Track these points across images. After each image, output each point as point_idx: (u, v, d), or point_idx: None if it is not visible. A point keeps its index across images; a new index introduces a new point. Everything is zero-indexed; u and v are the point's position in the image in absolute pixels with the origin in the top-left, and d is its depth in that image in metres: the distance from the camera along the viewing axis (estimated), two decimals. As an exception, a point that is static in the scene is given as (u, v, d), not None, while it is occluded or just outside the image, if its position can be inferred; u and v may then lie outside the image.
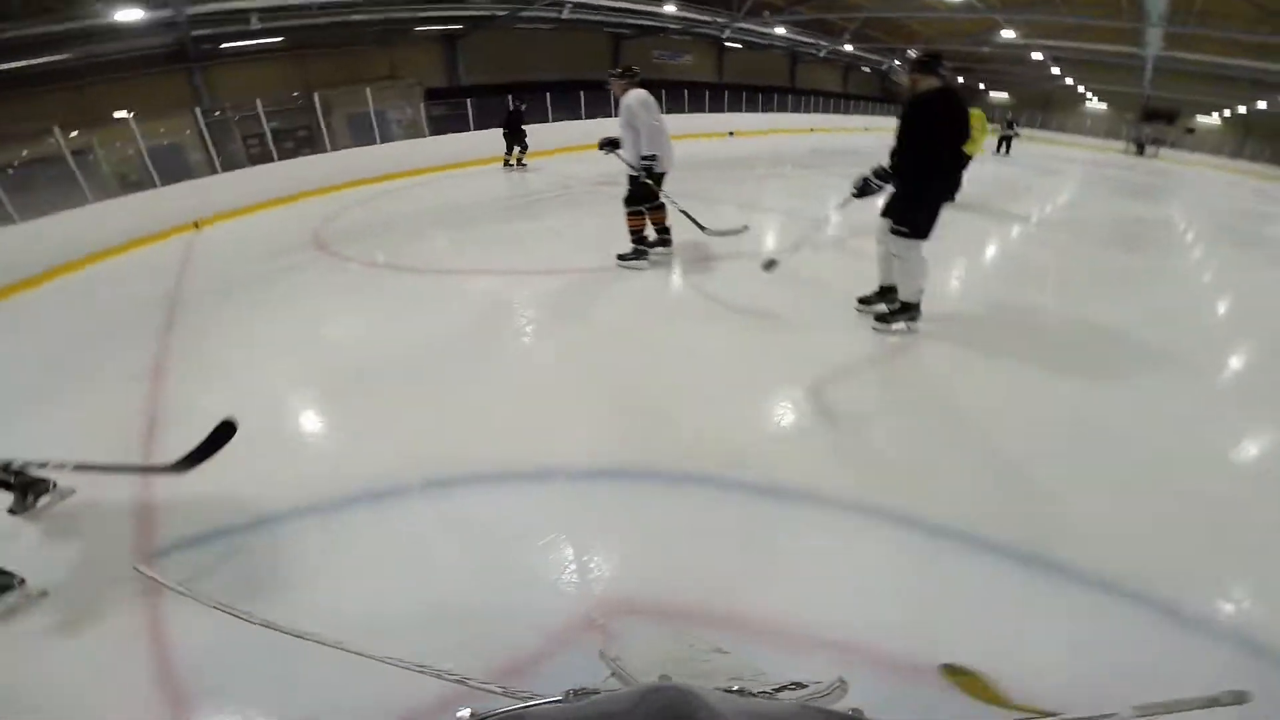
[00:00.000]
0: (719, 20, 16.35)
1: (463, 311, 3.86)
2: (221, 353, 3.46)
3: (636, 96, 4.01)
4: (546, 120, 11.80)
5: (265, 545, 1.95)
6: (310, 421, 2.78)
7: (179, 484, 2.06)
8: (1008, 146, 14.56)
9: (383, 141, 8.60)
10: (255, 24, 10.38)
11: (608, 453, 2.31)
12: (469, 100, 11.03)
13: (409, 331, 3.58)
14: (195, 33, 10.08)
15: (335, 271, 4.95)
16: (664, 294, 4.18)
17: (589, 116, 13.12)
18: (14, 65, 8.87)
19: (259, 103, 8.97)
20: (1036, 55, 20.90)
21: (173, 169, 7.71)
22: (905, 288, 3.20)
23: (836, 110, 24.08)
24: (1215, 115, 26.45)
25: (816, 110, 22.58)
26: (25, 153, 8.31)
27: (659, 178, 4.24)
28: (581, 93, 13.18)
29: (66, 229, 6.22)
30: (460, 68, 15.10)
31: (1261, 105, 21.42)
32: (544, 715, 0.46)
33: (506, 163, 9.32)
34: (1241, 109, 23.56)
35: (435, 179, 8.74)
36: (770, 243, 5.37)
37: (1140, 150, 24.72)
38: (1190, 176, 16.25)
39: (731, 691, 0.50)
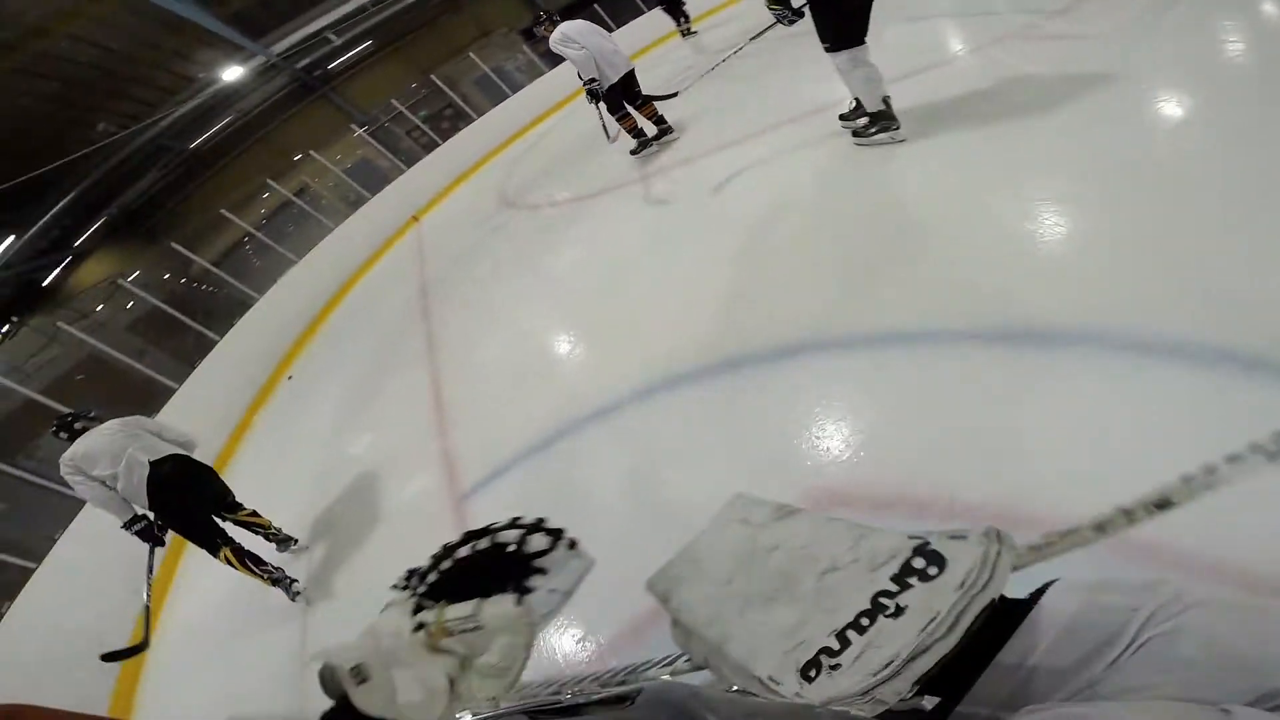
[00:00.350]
0: None
1: (648, 218, 3.97)
2: (472, 319, 4.23)
3: (556, 35, 4.28)
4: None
5: (555, 464, 2.38)
6: (567, 353, 3.15)
7: (472, 435, 2.92)
8: None
9: (514, 91, 9.23)
10: (335, 39, 11.37)
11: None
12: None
13: (614, 251, 3.85)
14: (299, 64, 11.37)
15: (530, 219, 5.38)
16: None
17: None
18: (202, 138, 10.99)
19: (394, 102, 10.06)
20: None
21: (372, 181, 9.13)
22: (866, 100, 2.97)
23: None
24: None
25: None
26: (263, 210, 10.31)
27: (613, 90, 4.45)
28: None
29: (331, 254, 7.75)
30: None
31: None
32: (545, 714, 0.48)
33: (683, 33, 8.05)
34: None
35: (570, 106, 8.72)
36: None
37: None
38: None
39: (733, 692, 0.51)
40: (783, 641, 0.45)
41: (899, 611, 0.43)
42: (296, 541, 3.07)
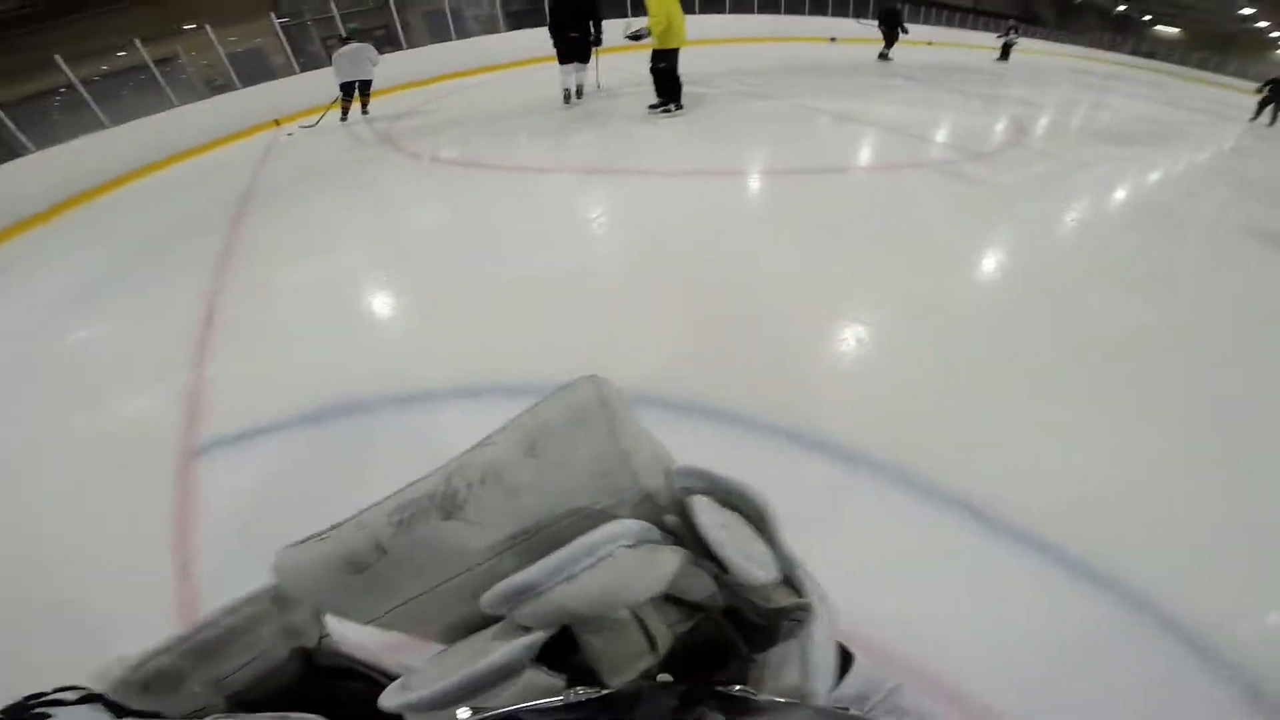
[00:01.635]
0: None
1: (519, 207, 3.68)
2: (286, 240, 3.49)
3: None
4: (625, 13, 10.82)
5: (325, 443, 1.84)
6: (386, 319, 2.64)
7: (235, 375, 2.22)
8: (1006, 53, 14.35)
9: (459, 38, 8.23)
10: None
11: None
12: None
13: (479, 231, 3.39)
14: None
15: (403, 166, 4.78)
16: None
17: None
18: None
19: (333, 6, 8.80)
20: None
21: (254, 73, 7.77)
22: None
23: (962, 24, 21.10)
24: None
25: (938, 23, 19.83)
26: (105, 66, 8.60)
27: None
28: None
29: (150, 132, 6.30)
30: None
31: None
32: (544, 714, 0.34)
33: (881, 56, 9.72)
34: None
35: (511, 75, 8.48)
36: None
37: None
38: None
39: (733, 691, 0.40)
40: None
41: None
42: None
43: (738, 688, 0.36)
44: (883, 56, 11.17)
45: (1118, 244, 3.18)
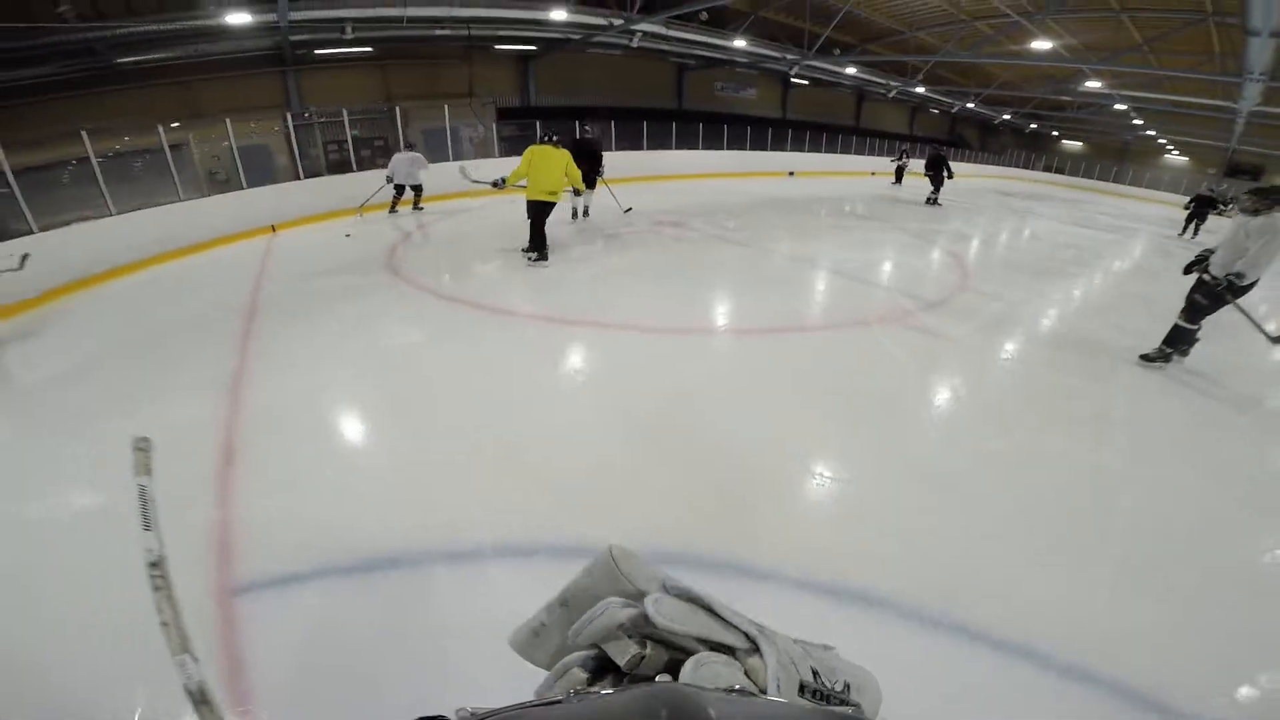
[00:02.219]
0: (788, 57, 16.38)
1: (519, 358, 3.78)
2: (293, 380, 3.45)
3: None
4: (610, 149, 12.05)
5: (378, 597, 1.90)
6: (416, 461, 2.67)
7: (266, 511, 2.27)
8: (899, 177, 15.69)
9: (455, 158, 8.92)
10: (349, 33, 10.91)
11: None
12: (538, 122, 11.39)
13: (467, 373, 3.52)
14: (294, 37, 10.62)
15: (401, 300, 4.93)
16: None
17: (651, 147, 13.31)
18: (131, 59, 9.59)
19: (345, 112, 9.41)
20: (1120, 105, 20.28)
21: (259, 168, 8.16)
22: None
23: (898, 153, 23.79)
24: None
25: (880, 153, 22.32)
26: (126, 139, 8.86)
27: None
28: (645, 122, 13.37)
29: (159, 224, 6.62)
30: (532, 88, 15.50)
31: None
32: (543, 715, 0.45)
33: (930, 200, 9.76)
34: None
35: (502, 201, 9.01)
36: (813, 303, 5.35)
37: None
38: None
39: (732, 692, 0.50)
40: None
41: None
42: None
43: (737, 686, 0.45)
44: (931, 201, 12.05)
45: (1062, 387, 3.71)
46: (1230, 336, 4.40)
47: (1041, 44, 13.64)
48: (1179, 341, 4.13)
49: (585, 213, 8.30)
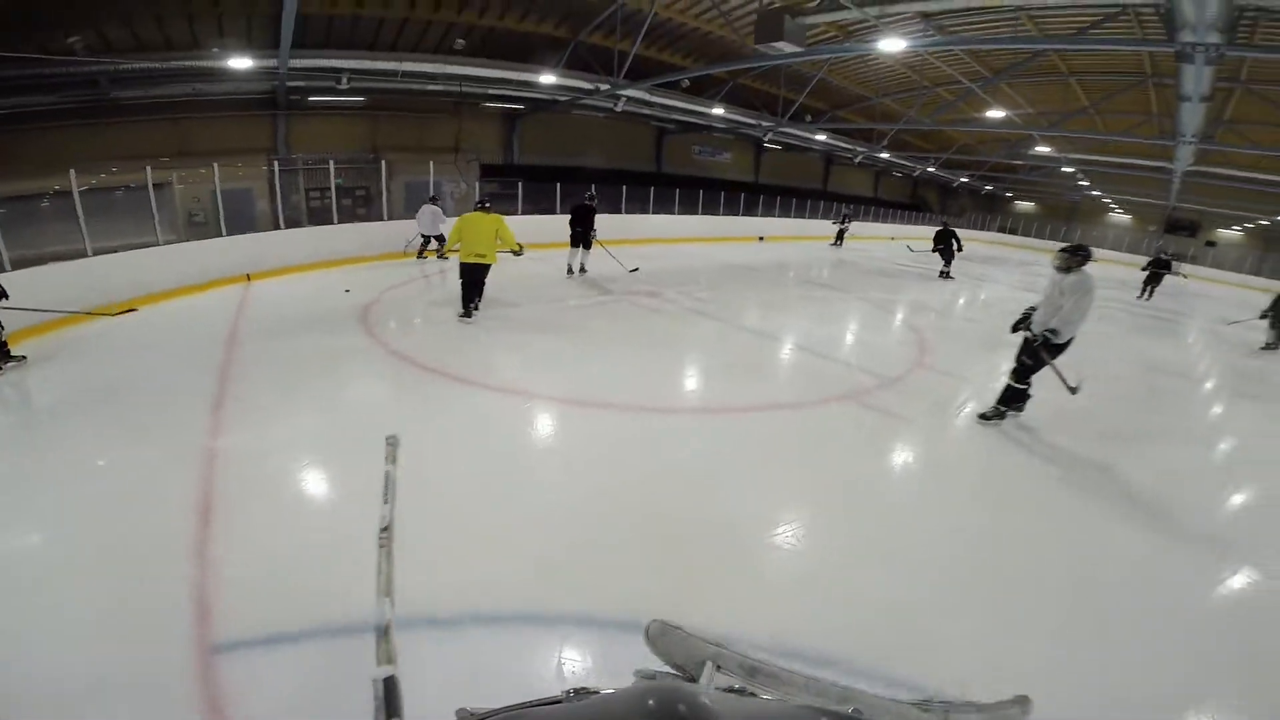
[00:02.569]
0: (763, 122, 17.40)
1: (493, 432, 3.85)
2: (268, 454, 3.43)
3: None
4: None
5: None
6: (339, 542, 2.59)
7: (249, 567, 2.38)
8: (840, 238, 16.91)
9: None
10: (345, 83, 11.30)
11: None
12: (520, 183, 11.91)
13: (437, 445, 3.54)
14: (290, 83, 10.97)
15: (377, 364, 5.04)
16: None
17: (629, 211, 13.99)
18: (131, 94, 9.89)
19: (331, 163, 9.72)
20: (1067, 168, 22.01)
21: (240, 213, 8.33)
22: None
23: (866, 216, 25.17)
24: (1235, 228, 27.24)
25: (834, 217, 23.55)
26: (114, 170, 8.94)
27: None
28: (624, 186, 14.05)
29: (135, 266, 6.72)
30: (516, 146, 16.24)
31: (1281, 218, 21.63)
32: (543, 715, 0.47)
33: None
34: (1264, 221, 23.86)
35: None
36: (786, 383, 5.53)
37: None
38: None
39: (731, 691, 0.51)
40: None
41: None
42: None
43: (736, 685, 0.46)
44: (944, 275, 12.48)
45: (1010, 470, 3.87)
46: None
47: (995, 112, 14.84)
48: (1012, 400, 4.34)
49: (582, 269, 9.31)
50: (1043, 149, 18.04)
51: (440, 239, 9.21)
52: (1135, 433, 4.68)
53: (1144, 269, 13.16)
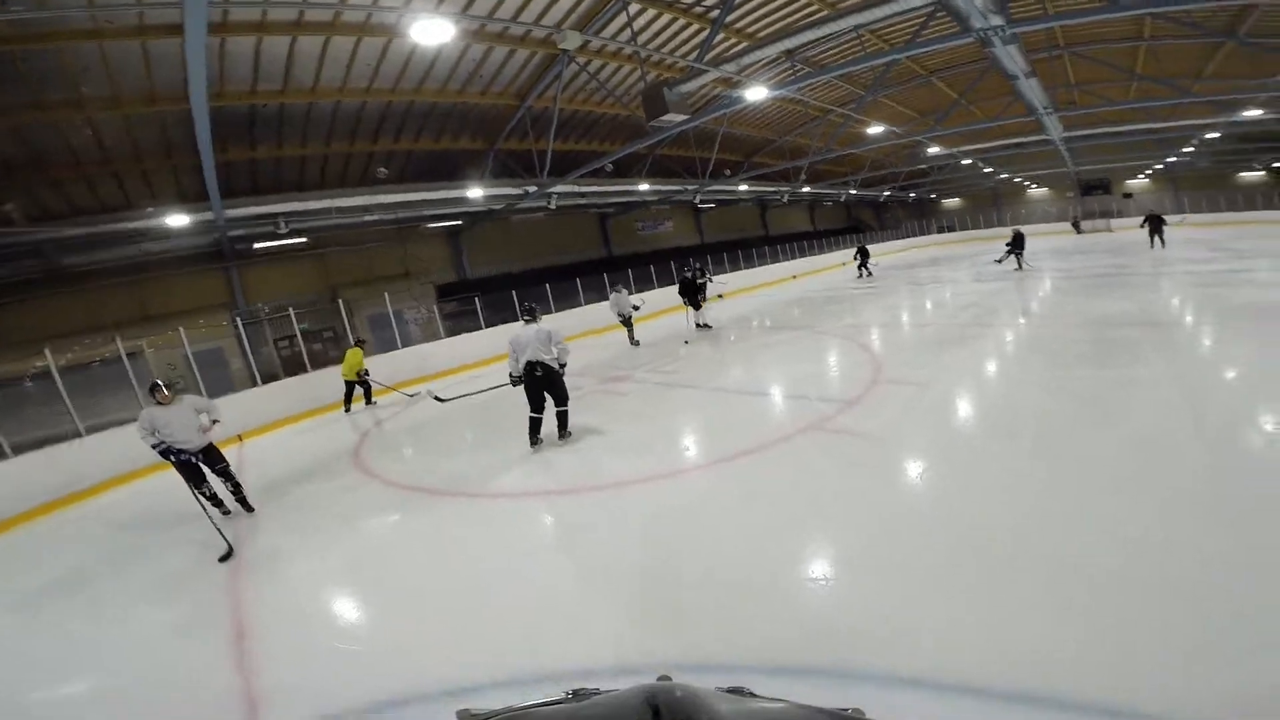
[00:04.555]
0: (689, 186, 19.03)
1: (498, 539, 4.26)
2: (289, 577, 4.15)
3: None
4: (549, 310, 14.01)
5: None
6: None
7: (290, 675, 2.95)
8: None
9: (403, 345, 10.23)
10: (283, 227, 12.38)
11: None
12: (476, 298, 13.02)
13: (454, 563, 4.02)
14: (231, 233, 11.99)
15: (377, 496, 5.56)
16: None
17: (588, 301, 15.34)
18: (79, 260, 10.76)
19: (291, 311, 10.64)
20: (965, 160, 24.93)
21: (215, 373, 9.07)
22: None
23: (811, 251, 27.43)
24: (1141, 176, 31.73)
25: (794, 256, 25.63)
26: (85, 342, 9.58)
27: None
28: (577, 279, 15.49)
29: (127, 442, 7.09)
30: (465, 261, 17.71)
31: (1171, 160, 26.35)
32: (543, 715, 0.50)
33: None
34: (1159, 165, 28.38)
35: (459, 380, 10.16)
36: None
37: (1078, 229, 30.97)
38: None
39: (732, 691, 0.55)
40: None
41: None
42: None
43: (736, 685, 0.54)
44: (1019, 267, 16.22)
45: (973, 468, 4.22)
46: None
47: (876, 128, 16.64)
48: None
49: (700, 326, 12.78)
50: (935, 149, 20.29)
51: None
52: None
53: (1142, 225, 18.77)
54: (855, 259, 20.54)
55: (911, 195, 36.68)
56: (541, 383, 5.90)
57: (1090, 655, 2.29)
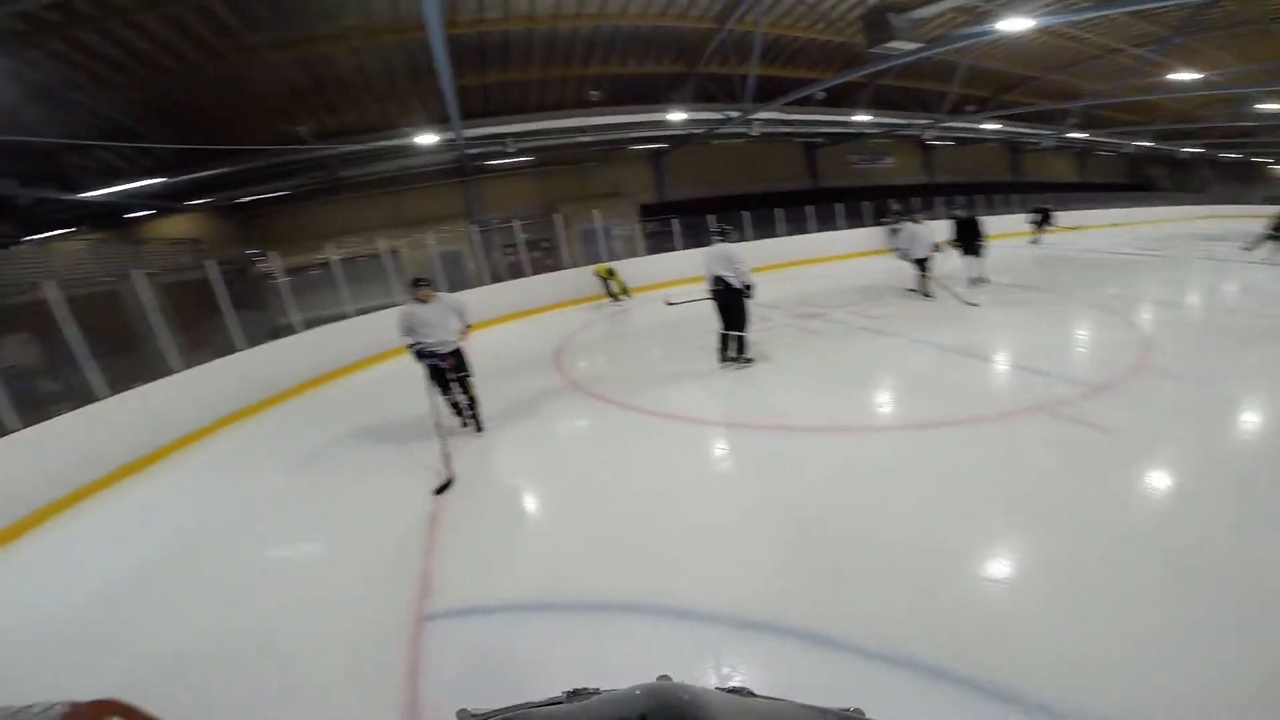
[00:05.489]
0: (918, 120, 17.13)
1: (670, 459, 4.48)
2: (510, 454, 4.94)
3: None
4: (745, 238, 14.06)
5: (537, 630, 2.73)
6: (590, 537, 3.53)
7: (463, 559, 3.39)
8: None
9: (608, 258, 11.21)
10: (510, 146, 13.88)
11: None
12: (675, 219, 13.56)
13: (624, 466, 4.43)
14: (469, 151, 13.70)
15: (569, 402, 6.09)
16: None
17: (791, 232, 15.08)
18: (352, 173, 13.35)
19: (515, 223, 12.19)
20: None
21: (454, 273, 10.91)
22: None
23: (1075, 206, 22.88)
24: None
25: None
26: (358, 240, 12.12)
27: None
28: (776, 208, 15.10)
29: (384, 325, 8.97)
30: (667, 182, 18.28)
31: None
32: (543, 715, 0.51)
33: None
34: None
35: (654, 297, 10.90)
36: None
37: None
38: None
39: (732, 691, 0.56)
40: None
41: None
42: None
43: (736, 685, 0.66)
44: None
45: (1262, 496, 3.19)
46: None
47: (1182, 74, 13.21)
48: None
49: (983, 279, 10.10)
50: (1268, 106, 15.60)
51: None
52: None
53: None
54: (1035, 222, 15.81)
55: (1227, 156, 28.48)
56: (724, 298, 6.11)
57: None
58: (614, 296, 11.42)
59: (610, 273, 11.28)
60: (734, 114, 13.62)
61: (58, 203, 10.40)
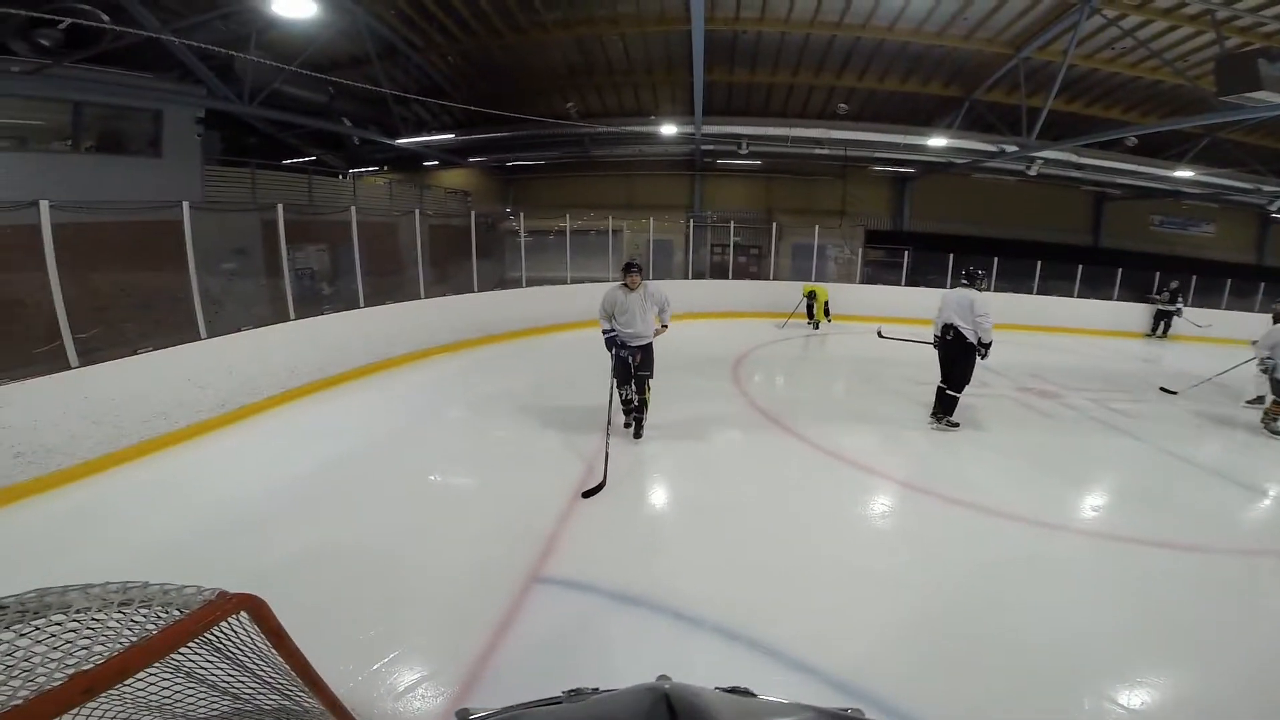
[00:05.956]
0: (1266, 189, 13.62)
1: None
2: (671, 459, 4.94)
3: None
4: (989, 287, 12.48)
5: (626, 619, 2.85)
6: (709, 550, 3.54)
7: (589, 538, 3.54)
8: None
9: (816, 278, 10.75)
10: (744, 148, 13.92)
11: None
12: (907, 251, 12.46)
13: (781, 492, 4.36)
14: (704, 147, 14.16)
15: (737, 413, 6.10)
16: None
17: (1041, 291, 13.06)
18: (601, 152, 14.62)
19: (732, 222, 12.28)
20: None
21: (663, 261, 11.36)
22: None
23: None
24: None
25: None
26: (590, 215, 13.25)
27: None
28: (1039, 261, 13.17)
29: (591, 297, 9.89)
30: (906, 211, 16.87)
31: None
32: (542, 715, 0.50)
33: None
34: None
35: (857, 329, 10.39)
36: None
37: None
38: None
39: (732, 691, 0.54)
40: None
41: None
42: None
43: (736, 685, 0.54)
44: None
45: None
46: None
47: None
48: None
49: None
50: None
51: None
52: None
53: None
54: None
55: None
56: (949, 350, 5.57)
57: None
58: (813, 319, 11.07)
59: (816, 294, 10.94)
60: (1011, 148, 12.12)
61: (377, 145, 13.01)
